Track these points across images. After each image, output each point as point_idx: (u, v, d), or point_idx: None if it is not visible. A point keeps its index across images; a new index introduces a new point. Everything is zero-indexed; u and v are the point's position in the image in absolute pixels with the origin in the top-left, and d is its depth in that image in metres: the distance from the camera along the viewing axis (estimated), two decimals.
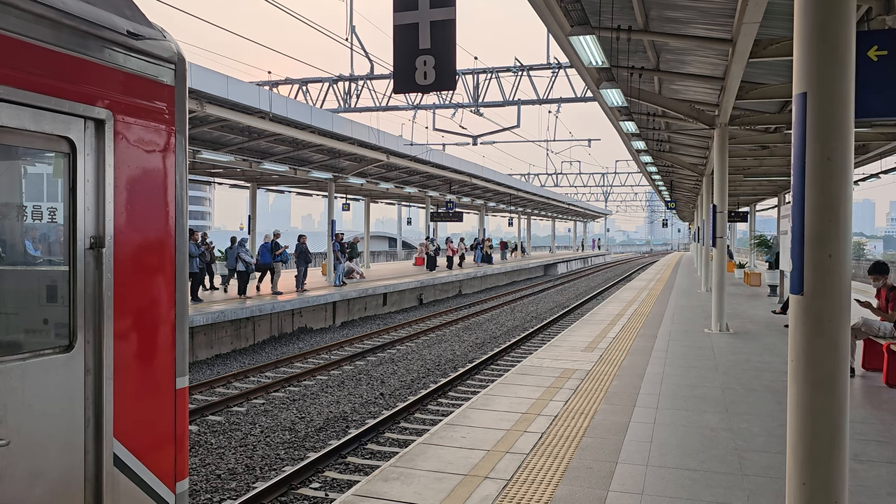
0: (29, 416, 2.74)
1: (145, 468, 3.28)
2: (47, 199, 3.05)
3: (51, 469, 2.84)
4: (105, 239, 3.02)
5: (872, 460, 5.90)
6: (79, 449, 2.98)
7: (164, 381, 3.41)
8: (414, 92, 5.36)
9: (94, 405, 3.02)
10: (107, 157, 3.02)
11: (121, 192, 3.10)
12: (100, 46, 2.98)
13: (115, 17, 3.11)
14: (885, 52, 4.90)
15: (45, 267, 3.09)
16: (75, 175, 2.92)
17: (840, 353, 3.69)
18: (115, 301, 3.07)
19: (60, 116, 2.81)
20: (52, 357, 2.86)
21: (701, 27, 10.10)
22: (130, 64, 3.15)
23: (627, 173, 62.91)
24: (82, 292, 2.95)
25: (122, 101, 3.11)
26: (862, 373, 9.44)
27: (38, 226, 3.04)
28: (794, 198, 3.77)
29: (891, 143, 17.68)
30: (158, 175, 3.33)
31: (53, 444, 2.85)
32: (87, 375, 3.00)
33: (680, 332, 13.69)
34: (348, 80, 22.49)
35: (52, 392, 2.85)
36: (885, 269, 9.58)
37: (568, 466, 5.70)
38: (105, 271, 3.02)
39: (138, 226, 3.22)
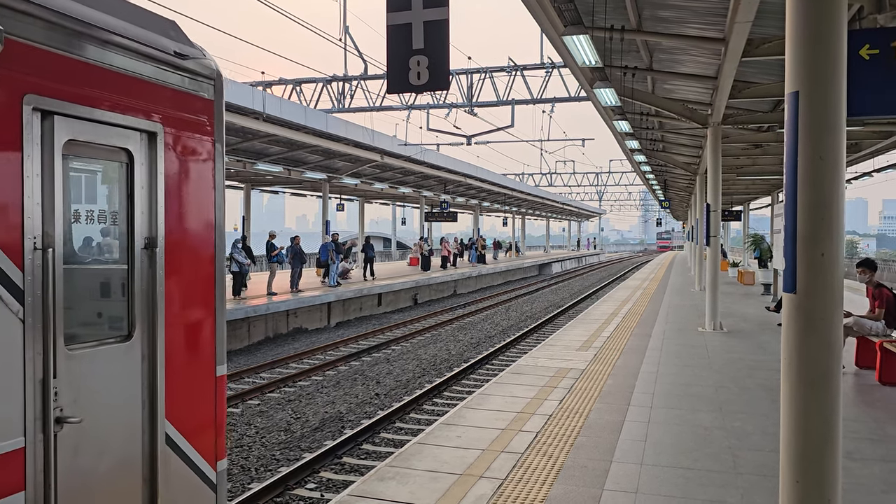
0: (97, 397, 3.10)
1: (192, 447, 3.63)
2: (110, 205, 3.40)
3: (114, 446, 3.20)
4: (157, 240, 3.39)
5: (866, 458, 5.92)
6: (136, 429, 3.33)
7: (206, 368, 3.77)
8: (408, 92, 5.36)
9: (148, 389, 3.38)
10: (158, 166, 3.39)
11: (170, 198, 3.46)
12: (152, 67, 3.36)
13: (164, 38, 3.48)
14: (876, 51, 4.91)
15: (109, 265, 3.43)
16: (132, 182, 3.30)
17: (833, 351, 3.71)
18: (166, 296, 3.44)
19: (121, 130, 3.19)
20: (115, 346, 3.24)
21: (694, 27, 10.12)
22: (177, 81, 3.52)
23: (621, 172, 63.04)
24: (139, 288, 3.33)
25: (171, 115, 3.47)
26: (855, 371, 9.48)
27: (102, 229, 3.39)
28: (787, 196, 3.78)
29: (883, 141, 17.76)
30: (201, 181, 3.70)
31: (116, 424, 3.21)
32: (143, 362, 3.36)
33: (674, 330, 13.72)
34: (342, 81, 22.47)
35: (114, 377, 3.21)
36: (873, 264, 9.64)
37: (563, 465, 5.71)
38: (157, 269, 3.38)
39: (184, 228, 3.58)
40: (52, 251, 2.85)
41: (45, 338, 2.85)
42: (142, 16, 3.44)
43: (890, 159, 23.40)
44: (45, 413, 2.85)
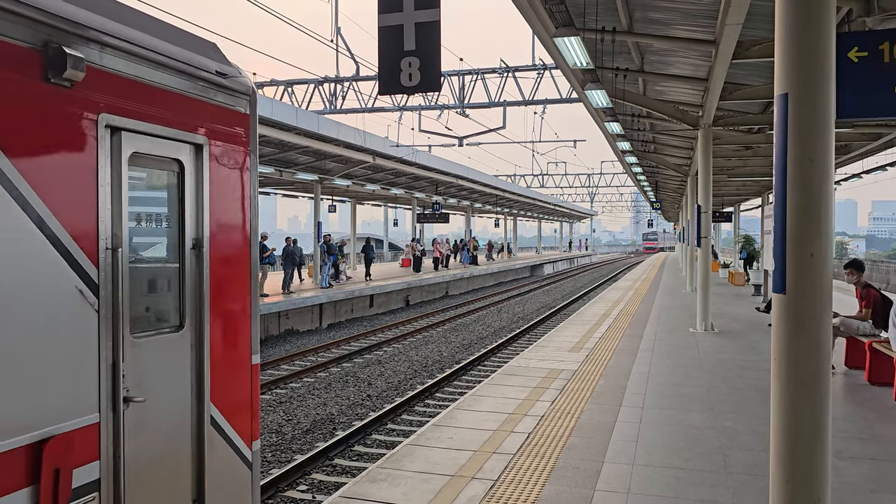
0: (157, 380, 3.50)
1: (232, 429, 4.02)
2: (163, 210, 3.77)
3: (169, 425, 3.59)
4: (203, 241, 3.79)
5: (855, 457, 5.96)
6: (187, 410, 3.72)
7: (243, 356, 4.17)
8: (399, 93, 5.36)
9: (196, 375, 3.77)
10: (204, 175, 3.79)
11: (213, 203, 3.86)
12: (199, 85, 3.77)
13: (207, 59, 3.87)
14: (865, 54, 4.94)
15: (163, 264, 3.81)
16: (183, 189, 3.69)
17: (822, 351, 3.73)
18: (210, 291, 3.84)
19: (174, 143, 3.59)
20: (169, 335, 3.63)
21: (684, 28, 10.17)
22: (219, 98, 3.93)
23: (613, 174, 63.17)
24: (188, 284, 3.74)
25: (214, 129, 3.87)
26: (844, 370, 9.53)
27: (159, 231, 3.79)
28: (776, 197, 3.80)
29: (872, 143, 17.89)
30: (238, 188, 4.11)
31: (170, 405, 3.60)
32: (192, 350, 3.76)
33: (665, 331, 13.77)
34: (334, 82, 22.44)
35: (169, 363, 3.60)
36: (861, 265, 9.70)
37: (554, 466, 5.72)
38: (204, 267, 3.79)
39: (225, 230, 3.99)
40: (120, 251, 3.25)
41: (114, 326, 3.24)
42: (188, 39, 3.87)
43: (879, 161, 23.55)
44: (114, 393, 3.24)
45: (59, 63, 2.91)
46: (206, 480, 3.78)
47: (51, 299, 2.93)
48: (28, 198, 2.81)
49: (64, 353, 2.99)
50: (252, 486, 4.20)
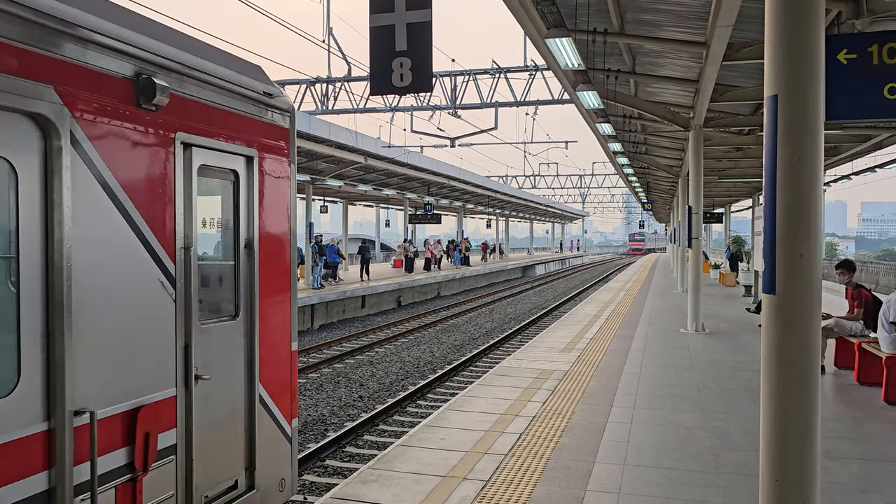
0: (218, 361, 4.07)
1: (276, 407, 4.61)
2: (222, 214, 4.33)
3: (227, 401, 4.18)
4: (254, 241, 4.38)
5: (844, 457, 5.99)
6: (241, 388, 4.30)
7: (285, 343, 4.76)
8: (391, 94, 5.35)
9: (247, 358, 4.36)
10: (254, 183, 4.36)
11: (262, 208, 4.44)
12: (251, 105, 4.35)
13: (256, 81, 4.45)
14: (854, 56, 4.97)
15: (222, 261, 4.34)
16: (238, 196, 4.28)
17: (811, 352, 3.75)
18: (260, 285, 4.41)
19: (232, 156, 4.18)
20: (227, 322, 4.21)
21: (675, 30, 10.21)
22: (266, 115, 4.52)
23: (604, 175, 63.35)
24: (242, 279, 4.32)
25: (262, 142, 4.46)
26: (834, 371, 9.58)
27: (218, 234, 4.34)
28: (766, 198, 3.82)
29: (861, 144, 18.01)
30: (281, 194, 4.69)
31: (228, 383, 4.18)
32: (245, 337, 4.34)
33: (656, 332, 13.81)
34: (326, 82, 22.41)
35: (227, 347, 4.19)
36: (852, 265, 9.76)
37: (546, 467, 5.72)
38: (254, 264, 4.37)
39: (271, 231, 4.57)
40: (192, 249, 3.82)
41: (187, 314, 3.81)
42: (239, 63, 4.46)
43: (868, 162, 23.68)
44: (187, 371, 3.82)
45: (149, 91, 3.46)
46: (256, 451, 4.39)
47: (141, 291, 3.50)
48: (125, 204, 3.39)
49: (151, 335, 3.58)
50: (291, 458, 4.85)
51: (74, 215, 3.10)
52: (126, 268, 3.40)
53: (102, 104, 3.25)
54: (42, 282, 2.99)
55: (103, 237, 3.27)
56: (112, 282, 3.31)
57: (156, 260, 3.57)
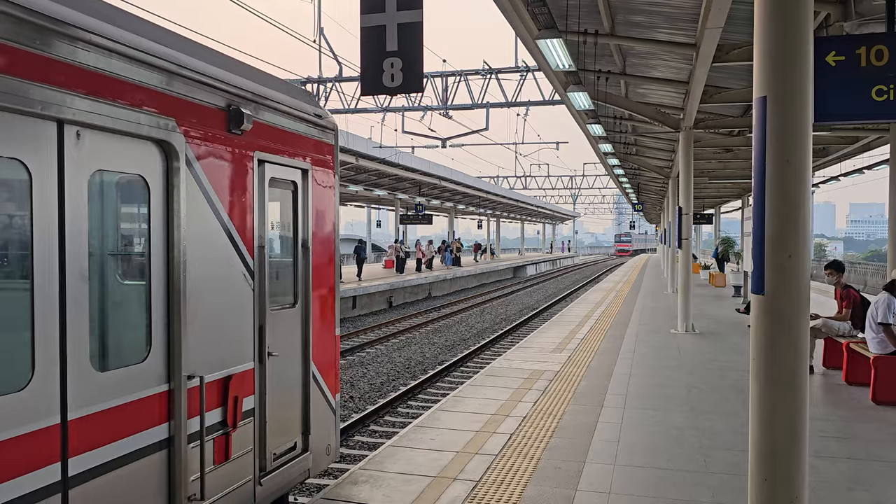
0: (282, 342, 4.84)
1: (324, 383, 5.38)
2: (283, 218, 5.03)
3: (289, 376, 4.96)
4: (308, 241, 5.13)
5: (833, 456, 6.03)
6: (298, 365, 5.10)
7: (331, 328, 5.53)
8: (382, 94, 5.36)
9: (303, 340, 5.13)
10: (308, 192, 5.11)
11: (314, 213, 5.20)
12: (305, 126, 5.11)
13: (309, 105, 5.22)
14: (842, 58, 5.02)
15: (284, 258, 5.07)
16: (296, 203, 5.05)
17: (800, 352, 3.77)
18: (313, 279, 5.18)
19: (292, 169, 4.95)
20: (289, 309, 4.98)
21: (666, 32, 10.25)
22: (317, 134, 5.27)
23: (595, 176, 63.49)
24: (298, 273, 5.10)
25: (314, 157, 5.22)
26: (822, 371, 9.64)
27: (281, 234, 5.07)
28: (755, 199, 3.84)
29: (850, 146, 18.13)
30: (328, 201, 5.44)
31: (290, 361, 4.96)
32: (301, 322, 5.11)
33: (647, 332, 13.86)
34: (317, 83, 22.37)
35: (288, 330, 4.95)
36: (841, 266, 9.82)
37: (536, 467, 5.73)
38: (308, 261, 5.14)
39: (320, 233, 5.32)
40: (264, 248, 4.60)
41: (261, 301, 4.58)
42: (295, 90, 5.23)
43: (856, 164, 23.87)
44: (261, 348, 4.60)
45: (238, 119, 4.24)
46: (311, 419, 5.18)
47: (230, 281, 4.29)
48: (219, 210, 4.15)
49: (237, 317, 4.36)
50: (335, 427, 5.62)
51: (187, 220, 3.86)
52: (220, 263, 4.20)
53: (205, 131, 4.04)
54: (165, 274, 3.78)
55: (205, 238, 4.04)
56: (211, 274, 4.10)
57: (240, 256, 4.39)
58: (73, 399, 3.18)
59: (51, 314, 3.08)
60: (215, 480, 4.09)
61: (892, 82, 4.94)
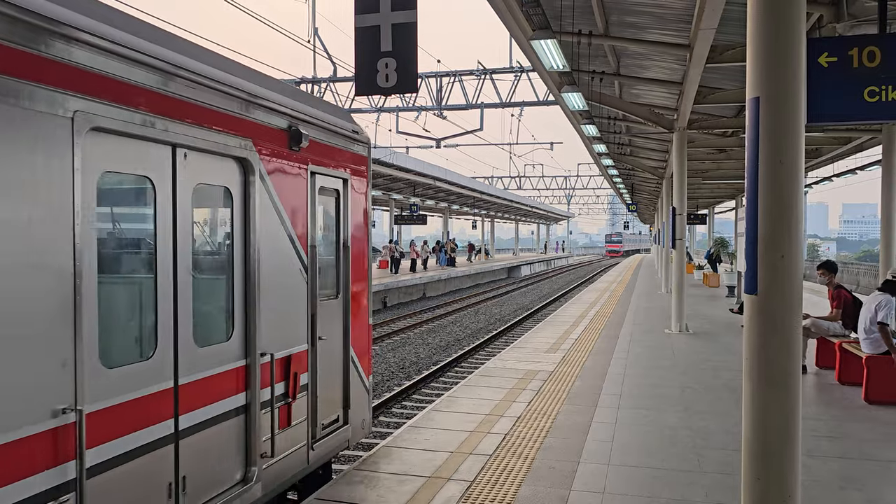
0: (328, 328, 5.61)
1: (360, 365, 6.16)
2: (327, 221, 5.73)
3: (333, 358, 5.71)
4: (348, 242, 5.91)
5: (825, 455, 6.06)
6: (340, 349, 5.84)
7: (365, 318, 6.32)
8: (376, 94, 5.37)
9: (344, 327, 5.89)
10: (348, 198, 5.88)
11: (353, 217, 5.97)
12: (345, 141, 5.87)
13: (348, 123, 6.00)
14: (835, 59, 5.04)
15: (329, 256, 5.76)
16: (339, 209, 5.81)
17: (793, 351, 3.78)
18: (351, 274, 5.95)
19: (335, 179, 5.71)
20: (332, 300, 5.77)
21: (660, 33, 10.27)
22: (353, 148, 6.02)
23: (589, 176, 63.64)
24: (340, 269, 5.86)
25: (352, 168, 5.98)
26: (815, 370, 9.68)
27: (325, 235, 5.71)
28: (748, 200, 3.85)
29: (842, 146, 18.20)
30: (363, 207, 6.23)
31: (333, 345, 5.72)
32: (342, 312, 5.88)
33: (641, 332, 13.89)
34: (311, 83, 22.35)
35: (333, 318, 5.71)
36: (834, 266, 9.84)
37: (531, 467, 5.74)
38: (348, 259, 5.92)
39: (358, 234, 6.09)
40: (315, 247, 5.37)
41: (312, 293, 5.35)
42: (337, 110, 6.08)
43: (849, 164, 23.94)
44: (313, 333, 5.38)
45: (297, 138, 5.00)
46: (350, 396, 5.97)
47: (291, 276, 5.06)
48: (283, 216, 4.91)
49: (295, 306, 5.13)
50: (369, 405, 6.44)
51: (260, 224, 4.60)
52: (284, 260, 4.97)
53: (273, 149, 4.78)
54: (243, 269, 4.53)
55: (273, 239, 4.78)
56: (277, 269, 4.86)
57: (298, 254, 5.15)
58: (181, 368, 3.95)
59: (168, 301, 3.86)
60: (280, 442, 4.87)
61: (885, 83, 4.97)
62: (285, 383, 4.94)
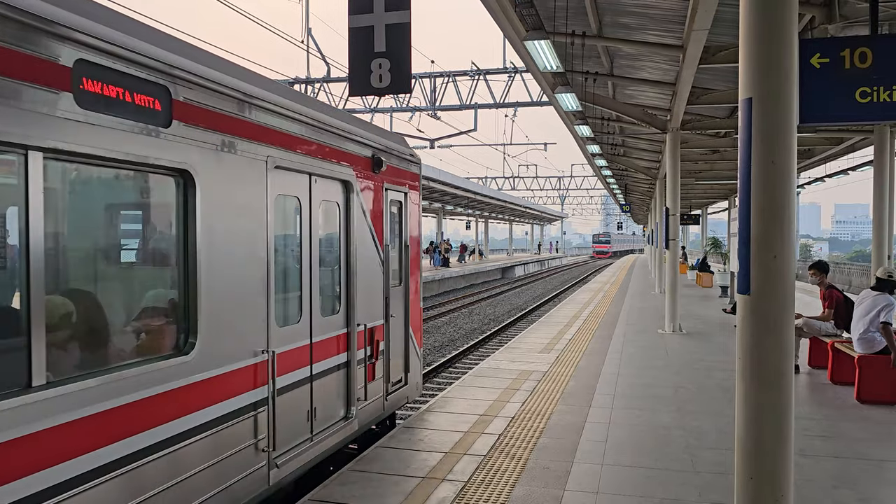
0: (395, 309, 7.13)
1: (415, 340, 7.76)
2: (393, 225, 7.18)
3: (398, 331, 7.25)
4: (407, 241, 7.48)
5: (818, 455, 6.08)
6: (402, 325, 7.38)
7: (418, 303, 7.89)
8: (370, 95, 5.37)
9: (405, 308, 7.44)
10: (408, 208, 7.49)
11: (411, 222, 7.57)
12: (405, 162, 7.44)
13: (405, 147, 7.55)
14: (827, 60, 5.06)
15: (394, 253, 7.26)
16: (401, 215, 7.37)
17: (785, 351, 3.80)
18: (410, 266, 7.51)
19: (400, 193, 7.25)
20: (398, 287, 7.30)
21: (653, 33, 10.30)
22: (411, 168, 7.62)
23: (583, 177, 63.74)
24: (403, 263, 7.41)
25: (410, 183, 7.55)
26: (808, 370, 9.72)
27: (395, 238, 7.25)
28: (741, 200, 3.87)
29: (834, 147, 18.29)
30: (417, 213, 7.81)
31: (398, 321, 7.24)
32: (403, 296, 7.42)
33: (634, 332, 13.91)
34: (305, 83, 22.32)
35: (397, 301, 7.24)
36: (825, 266, 9.87)
37: (525, 467, 5.74)
38: (407, 255, 7.48)
39: (413, 235, 7.64)
40: (388, 246, 6.89)
41: (386, 280, 6.89)
42: (396, 136, 7.62)
43: (841, 165, 24.08)
44: (386, 311, 6.90)
45: (378, 164, 6.57)
46: (409, 363, 7.61)
47: (373, 267, 6.59)
48: (368, 222, 6.46)
49: (375, 290, 6.66)
50: (421, 371, 8.14)
51: (355, 228, 6.17)
52: (369, 254, 6.53)
53: (363, 173, 6.36)
54: (346, 261, 6.13)
55: (363, 239, 6.36)
56: (366, 263, 6.42)
57: (377, 251, 6.72)
58: (315, 331, 5.56)
59: (308, 284, 5.46)
60: (368, 391, 6.50)
61: (876, 84, 5.00)
62: (371, 348, 6.52)
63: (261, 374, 4.68)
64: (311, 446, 5.41)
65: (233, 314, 4.41)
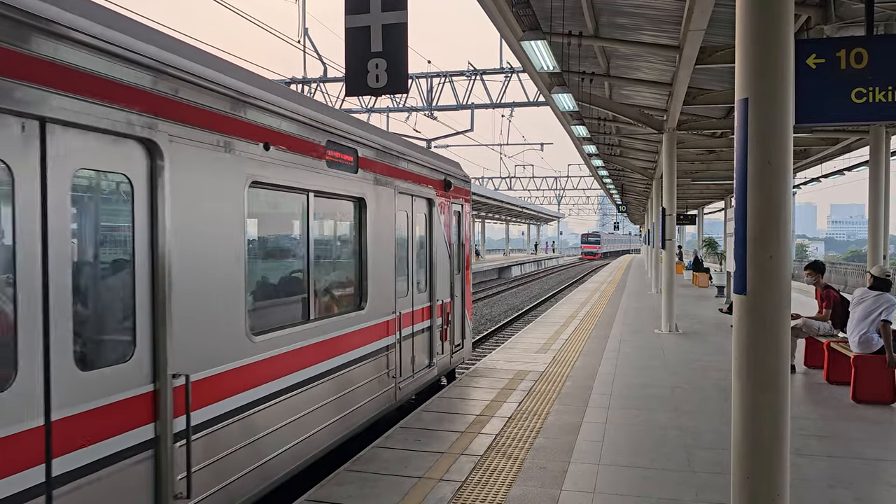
0: (456, 291, 9.69)
1: (467, 316, 10.27)
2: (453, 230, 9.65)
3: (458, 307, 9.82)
4: (462, 241, 10.02)
5: (814, 454, 6.10)
6: (460, 304, 9.89)
7: (469, 287, 10.29)
8: (366, 95, 5.36)
9: (462, 291, 9.95)
10: (463, 217, 10.04)
11: (465, 226, 10.09)
12: (460, 182, 9.90)
13: (461, 170, 10.02)
14: (822, 60, 5.08)
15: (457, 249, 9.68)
16: (459, 223, 9.94)
17: (781, 351, 3.80)
18: (465, 259, 10.13)
19: (459, 205, 9.91)
20: (458, 274, 9.78)
21: (649, 34, 10.31)
22: (463, 185, 9.97)
23: (580, 177, 63.80)
24: (461, 255, 9.95)
25: (464, 198, 10.11)
26: (804, 370, 9.74)
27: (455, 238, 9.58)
28: (737, 200, 3.88)
29: (830, 147, 18.33)
30: (468, 221, 10.21)
31: (458, 300, 9.81)
32: (461, 282, 9.92)
33: (631, 332, 13.93)
34: (301, 83, 22.30)
35: (457, 285, 9.75)
36: (821, 266, 9.88)
37: (522, 467, 5.75)
38: (462, 251, 9.99)
39: (466, 236, 10.15)
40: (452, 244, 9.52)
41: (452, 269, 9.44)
42: (456, 164, 9.85)
43: (837, 165, 24.13)
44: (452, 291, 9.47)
45: (449, 185, 9.13)
46: (465, 332, 9.97)
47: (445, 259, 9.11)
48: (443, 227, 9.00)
49: (446, 275, 9.11)
50: (470, 340, 10.28)
51: (435, 232, 8.62)
52: (443, 251, 8.87)
53: (439, 192, 8.76)
54: (428, 254, 8.53)
55: (439, 239, 8.64)
56: (440, 256, 8.81)
57: (448, 249, 9.08)
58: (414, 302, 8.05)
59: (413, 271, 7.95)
60: (443, 348, 8.92)
61: (872, 85, 5.01)
62: (443, 317, 8.86)
63: (392, 327, 7.24)
64: (413, 381, 7.90)
65: (381, 288, 6.96)
